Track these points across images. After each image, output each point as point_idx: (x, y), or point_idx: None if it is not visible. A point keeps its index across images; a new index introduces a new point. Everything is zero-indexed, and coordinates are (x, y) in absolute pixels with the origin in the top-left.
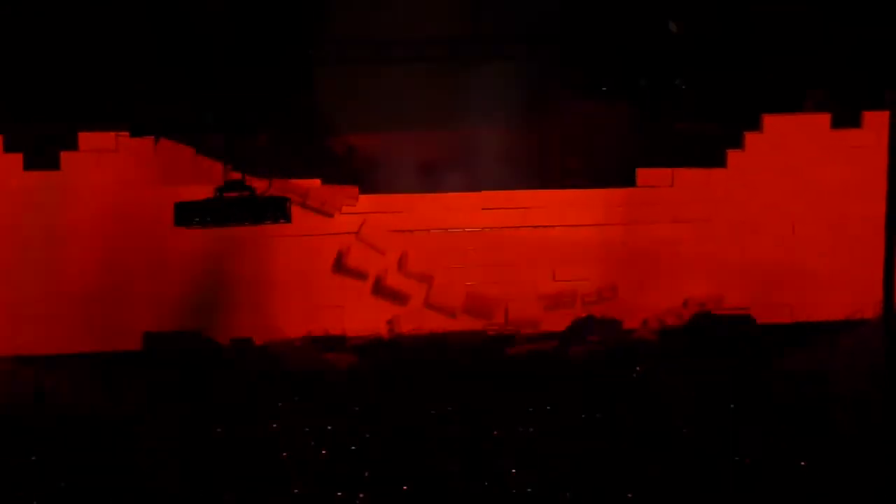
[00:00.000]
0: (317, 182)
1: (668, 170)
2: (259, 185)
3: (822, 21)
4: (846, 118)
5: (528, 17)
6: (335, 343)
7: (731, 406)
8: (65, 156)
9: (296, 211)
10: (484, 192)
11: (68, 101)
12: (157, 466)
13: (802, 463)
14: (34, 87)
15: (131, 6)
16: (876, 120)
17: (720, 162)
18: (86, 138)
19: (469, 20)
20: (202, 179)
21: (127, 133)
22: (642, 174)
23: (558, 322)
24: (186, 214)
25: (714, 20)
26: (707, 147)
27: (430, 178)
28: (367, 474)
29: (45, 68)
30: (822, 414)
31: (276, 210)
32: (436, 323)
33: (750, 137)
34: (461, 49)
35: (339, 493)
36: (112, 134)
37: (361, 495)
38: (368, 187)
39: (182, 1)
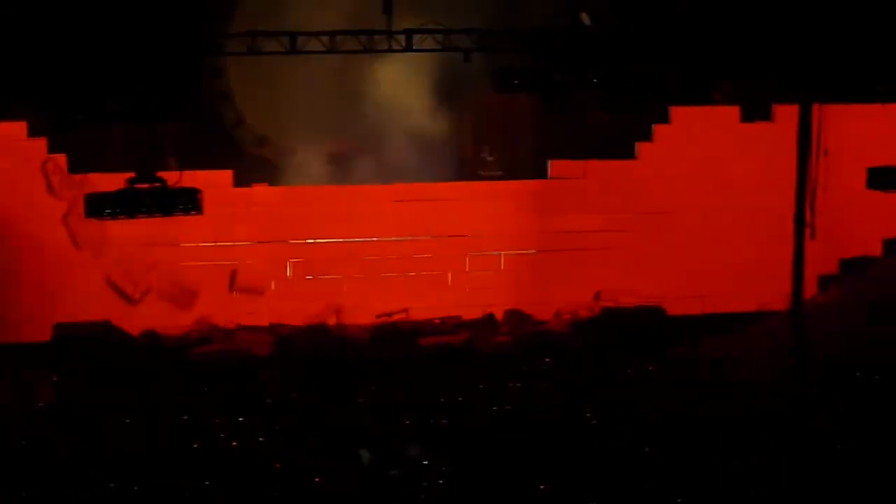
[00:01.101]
0: (229, 174)
1: (581, 161)
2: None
3: (732, 14)
4: (756, 111)
5: (441, 9)
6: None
7: (639, 396)
8: None
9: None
10: (395, 185)
11: None
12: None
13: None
14: None
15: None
16: (785, 113)
17: (630, 154)
18: None
19: (381, 12)
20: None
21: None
22: (555, 165)
23: (470, 313)
24: (98, 205)
25: (624, 12)
26: (618, 139)
27: (341, 170)
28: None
29: None
30: (728, 405)
31: (188, 201)
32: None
33: (659, 129)
34: (373, 41)
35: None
36: (22, 123)
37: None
38: (278, 178)
39: None
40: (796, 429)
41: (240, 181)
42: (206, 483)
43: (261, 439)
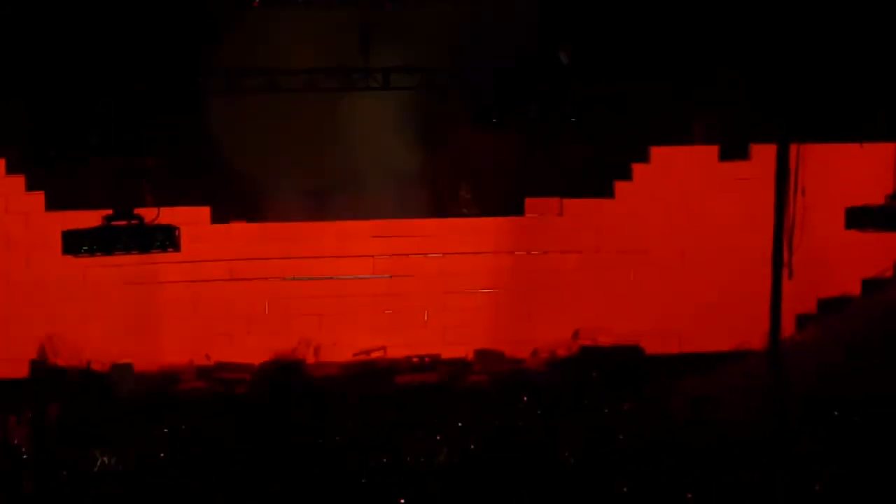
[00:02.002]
0: (206, 210)
1: (557, 199)
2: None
3: (710, 53)
4: (734, 150)
5: (418, 46)
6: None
7: (616, 434)
8: None
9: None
10: (372, 221)
11: None
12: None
13: (689, 495)
14: None
15: (24, 28)
16: (763, 152)
17: (608, 192)
18: None
19: (358, 50)
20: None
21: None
22: (531, 203)
23: (448, 351)
24: (74, 242)
25: (603, 50)
26: (595, 177)
27: (319, 206)
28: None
29: None
30: (705, 442)
31: (165, 238)
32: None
33: (638, 168)
34: (350, 79)
35: None
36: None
37: None
38: (258, 215)
39: (72, 25)
40: (774, 466)
41: (217, 217)
42: None
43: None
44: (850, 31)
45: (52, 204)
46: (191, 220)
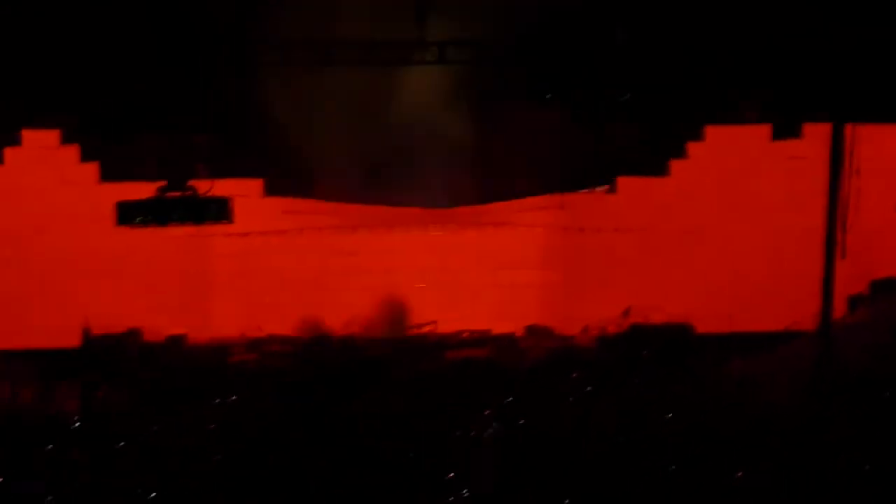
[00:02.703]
0: (259, 183)
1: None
2: (201, 185)
3: (765, 33)
4: (786, 130)
5: (474, 21)
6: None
7: (665, 414)
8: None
9: None
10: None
11: (11, 99)
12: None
13: (738, 473)
14: None
15: (76, 6)
16: (816, 132)
17: (663, 171)
18: (29, 136)
19: (414, 24)
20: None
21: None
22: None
23: (498, 327)
24: (128, 213)
25: (659, 31)
26: (650, 156)
27: (370, 182)
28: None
29: None
30: (755, 425)
31: (218, 210)
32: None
33: (692, 147)
34: (405, 53)
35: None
36: (56, 132)
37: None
38: (310, 190)
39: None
40: (823, 446)
41: (270, 190)
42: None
43: (291, 448)
44: None
45: (106, 175)
46: (243, 192)
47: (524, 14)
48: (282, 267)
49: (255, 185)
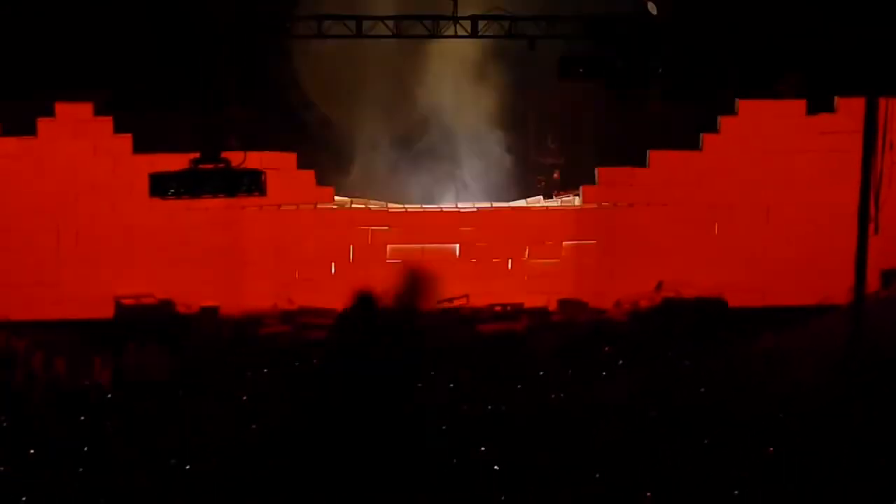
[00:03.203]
0: (293, 156)
1: (629, 168)
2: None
3: (799, 6)
4: (821, 104)
5: None
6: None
7: (698, 388)
8: (42, 123)
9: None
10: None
11: (45, 71)
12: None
13: (770, 450)
14: (9, 58)
15: None
16: (851, 106)
17: (695, 145)
18: (63, 108)
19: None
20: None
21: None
22: (603, 173)
23: (531, 301)
24: (161, 185)
25: (691, 3)
26: (682, 130)
27: (403, 157)
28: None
29: (23, 40)
30: (786, 399)
31: (251, 182)
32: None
33: (725, 122)
34: (438, 26)
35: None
36: (89, 105)
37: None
38: (341, 160)
39: None
40: (856, 422)
41: (304, 163)
42: (268, 464)
43: (323, 421)
44: None
45: (140, 147)
46: (277, 164)
47: None
48: (314, 240)
49: (288, 158)
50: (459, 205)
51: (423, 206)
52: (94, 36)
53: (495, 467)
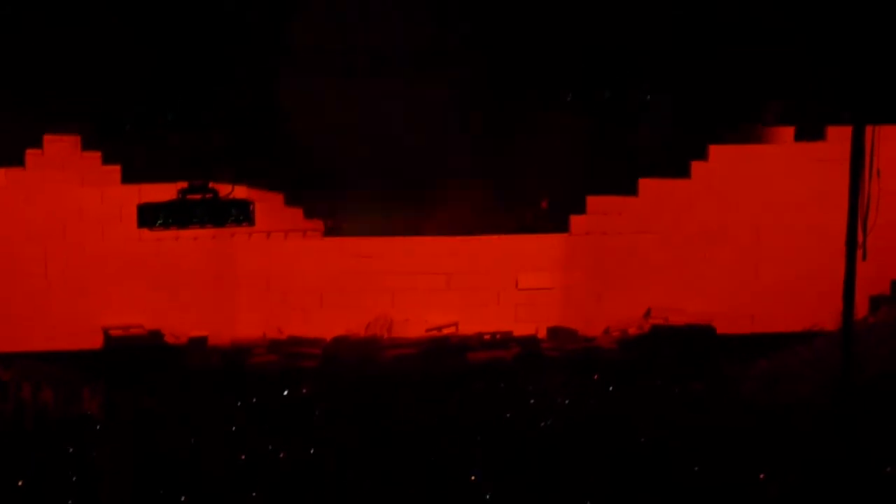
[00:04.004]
0: (280, 196)
1: (619, 198)
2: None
3: (786, 34)
4: (810, 131)
5: (489, 27)
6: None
7: (688, 415)
8: (30, 155)
9: None
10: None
11: (32, 101)
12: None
13: (761, 476)
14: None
15: (98, 8)
16: (840, 134)
17: (684, 172)
18: (51, 141)
19: (431, 30)
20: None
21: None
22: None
23: (520, 329)
24: (149, 215)
25: (677, 31)
26: (671, 157)
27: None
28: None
29: (11, 67)
30: (778, 425)
31: (240, 212)
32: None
33: (714, 149)
34: (421, 58)
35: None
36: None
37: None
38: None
39: (148, 4)
40: (844, 448)
41: (290, 193)
42: (253, 494)
43: (311, 451)
44: None
45: (128, 177)
46: (264, 196)
47: (542, 17)
48: (303, 269)
49: (276, 197)
50: (447, 235)
51: (412, 235)
52: (82, 66)
53: (486, 496)
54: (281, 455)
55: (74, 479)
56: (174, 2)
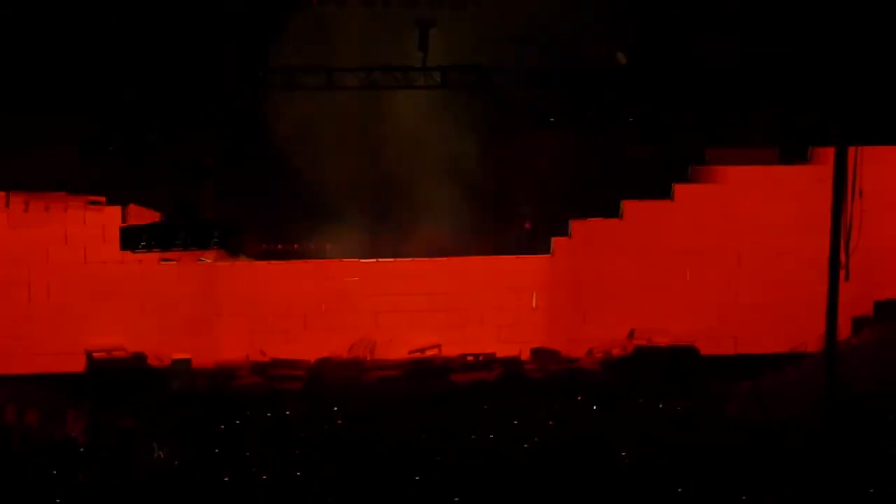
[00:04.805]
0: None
1: (604, 220)
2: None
3: (770, 56)
4: (793, 153)
5: (476, 47)
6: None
7: (671, 435)
8: None
9: None
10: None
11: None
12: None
13: (743, 497)
14: None
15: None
16: (823, 156)
17: (667, 194)
18: None
19: (417, 48)
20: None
21: None
22: (576, 226)
23: (503, 350)
24: (132, 238)
25: (662, 54)
26: (654, 179)
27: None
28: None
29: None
30: (762, 446)
31: (222, 235)
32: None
33: (696, 170)
34: (408, 77)
35: None
36: None
37: None
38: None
39: (134, 22)
40: (828, 469)
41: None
42: None
43: (297, 473)
44: None
45: (112, 200)
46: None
47: (528, 37)
48: (286, 291)
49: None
50: (431, 256)
51: (394, 257)
52: (65, 86)
53: None
54: (264, 476)
55: (59, 502)
56: (159, 23)
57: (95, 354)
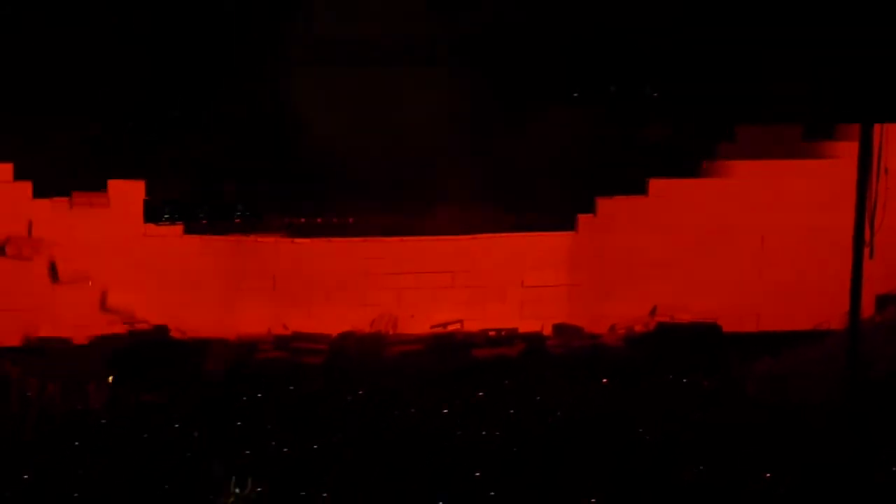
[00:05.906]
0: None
1: (629, 198)
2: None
3: (795, 33)
4: (819, 130)
5: (503, 20)
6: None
7: (694, 413)
8: None
9: None
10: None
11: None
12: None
13: (767, 475)
14: None
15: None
16: (848, 133)
17: (694, 171)
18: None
19: (422, 21)
20: None
21: None
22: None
23: (525, 325)
24: (156, 211)
25: (687, 30)
26: (680, 156)
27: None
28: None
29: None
30: (785, 424)
31: (245, 209)
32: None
33: (723, 147)
34: (416, 51)
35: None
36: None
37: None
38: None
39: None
40: (851, 447)
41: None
42: (259, 490)
43: (315, 446)
44: None
45: (138, 172)
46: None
47: (546, 9)
48: (308, 266)
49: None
50: (454, 234)
51: (417, 235)
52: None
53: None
54: (286, 450)
55: (80, 473)
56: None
57: (118, 326)
